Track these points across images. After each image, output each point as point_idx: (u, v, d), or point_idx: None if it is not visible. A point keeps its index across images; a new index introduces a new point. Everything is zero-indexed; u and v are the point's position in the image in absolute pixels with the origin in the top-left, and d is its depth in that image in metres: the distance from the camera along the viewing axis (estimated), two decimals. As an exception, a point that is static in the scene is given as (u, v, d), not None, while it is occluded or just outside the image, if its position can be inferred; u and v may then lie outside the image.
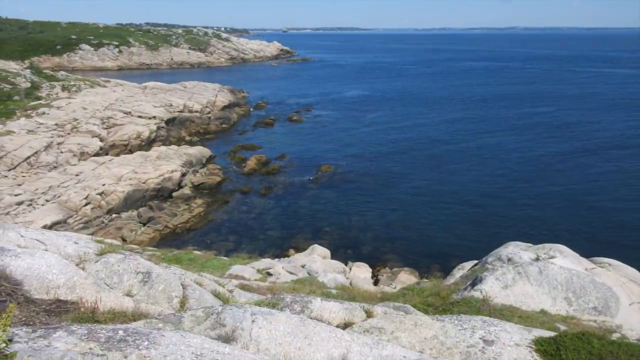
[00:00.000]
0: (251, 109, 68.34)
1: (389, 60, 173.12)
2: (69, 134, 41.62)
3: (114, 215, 29.52)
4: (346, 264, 22.28)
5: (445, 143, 49.99)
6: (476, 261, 14.43)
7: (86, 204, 28.75)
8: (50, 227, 24.61)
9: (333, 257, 22.85)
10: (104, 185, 30.92)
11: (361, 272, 21.04)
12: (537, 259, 11.63)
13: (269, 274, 15.33)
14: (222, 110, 61.48)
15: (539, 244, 13.05)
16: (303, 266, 17.87)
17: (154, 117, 49.78)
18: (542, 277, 10.59)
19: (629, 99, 75.60)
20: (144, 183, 32.48)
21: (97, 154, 38.71)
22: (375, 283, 20.91)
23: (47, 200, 28.42)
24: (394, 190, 36.00)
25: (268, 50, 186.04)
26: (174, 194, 33.89)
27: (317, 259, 19.72)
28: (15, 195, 28.16)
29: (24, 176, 32.25)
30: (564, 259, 11.70)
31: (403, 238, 28.30)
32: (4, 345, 2.96)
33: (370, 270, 22.48)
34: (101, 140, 41.85)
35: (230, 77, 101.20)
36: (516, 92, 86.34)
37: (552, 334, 6.11)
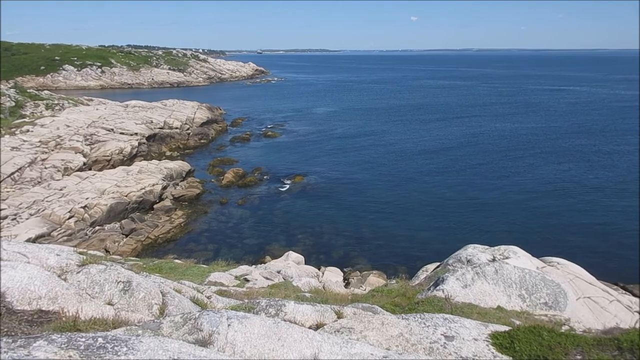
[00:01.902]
0: (228, 125, 67.80)
1: (356, 79, 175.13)
2: (52, 150, 40.48)
3: (97, 227, 28.73)
4: (319, 269, 22.17)
5: (406, 153, 50.60)
6: (438, 263, 14.53)
7: (70, 217, 27.91)
8: (34, 240, 23.78)
9: (307, 262, 22.70)
10: (87, 198, 30.11)
11: (333, 276, 20.94)
12: (493, 260, 11.78)
13: (247, 280, 15.12)
14: (201, 127, 60.80)
15: (495, 246, 13.18)
16: (279, 272, 17.69)
17: (136, 134, 48.90)
18: (498, 277, 10.74)
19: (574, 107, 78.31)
20: (126, 196, 31.77)
21: (80, 169, 37.70)
22: (347, 286, 20.87)
23: (31, 214, 27.48)
24: (362, 198, 36.20)
25: (244, 70, 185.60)
26: (155, 206, 33.26)
27: (291, 265, 19.57)
28: (-1, 210, 27.14)
29: (8, 191, 31.14)
30: (517, 259, 11.90)
31: (371, 243, 28.43)
32: (-17, 356, 2.84)
33: (342, 273, 22.44)
34: (84, 156, 40.83)
35: (208, 95, 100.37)
36: (474, 104, 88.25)
37: (507, 328, 6.20)
